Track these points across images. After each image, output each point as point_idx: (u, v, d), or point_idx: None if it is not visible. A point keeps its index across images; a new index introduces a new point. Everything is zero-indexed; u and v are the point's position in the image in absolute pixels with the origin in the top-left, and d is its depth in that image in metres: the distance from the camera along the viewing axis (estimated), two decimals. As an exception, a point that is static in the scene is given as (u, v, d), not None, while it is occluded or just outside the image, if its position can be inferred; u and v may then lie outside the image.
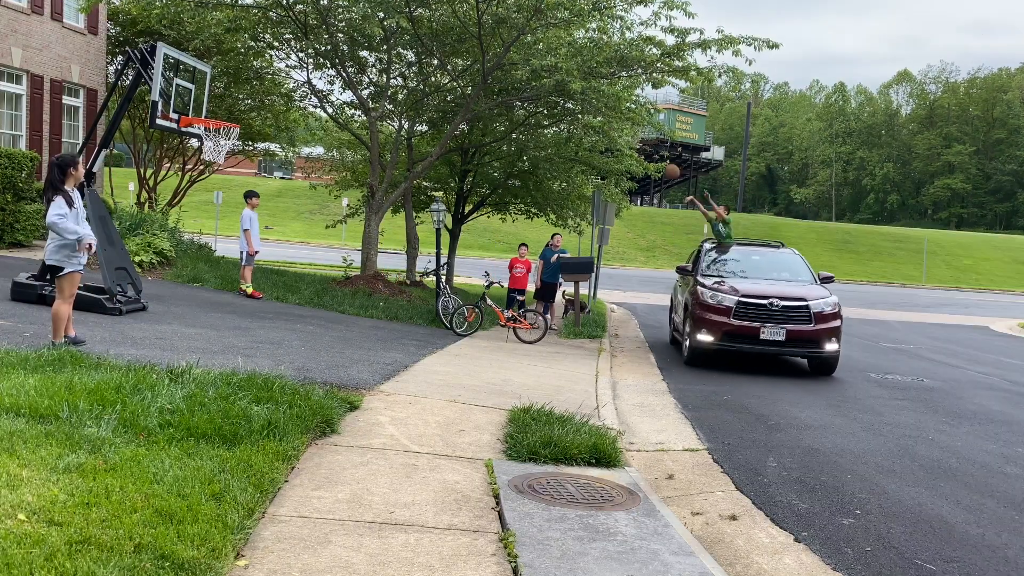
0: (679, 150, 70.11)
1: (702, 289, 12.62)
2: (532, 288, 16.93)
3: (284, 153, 29.48)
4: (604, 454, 6.26)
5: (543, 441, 6.30)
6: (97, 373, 6.39)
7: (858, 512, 5.85)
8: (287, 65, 20.50)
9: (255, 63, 20.04)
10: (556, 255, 16.60)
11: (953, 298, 40.53)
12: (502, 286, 16.12)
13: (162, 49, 11.69)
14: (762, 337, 11.95)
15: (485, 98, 17.69)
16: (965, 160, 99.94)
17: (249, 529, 4.22)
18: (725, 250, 14.44)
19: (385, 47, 18.11)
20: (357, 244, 26.03)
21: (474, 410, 7.64)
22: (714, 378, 11.54)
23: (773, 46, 13.95)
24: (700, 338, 12.28)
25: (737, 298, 12.16)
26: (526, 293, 16.70)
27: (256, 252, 14.92)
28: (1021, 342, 20.67)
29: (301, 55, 18.95)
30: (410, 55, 19.25)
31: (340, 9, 17.08)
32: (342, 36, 17.87)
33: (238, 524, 4.14)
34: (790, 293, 12.37)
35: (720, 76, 14.94)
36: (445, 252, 20.05)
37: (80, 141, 19.44)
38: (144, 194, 23.86)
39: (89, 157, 12.38)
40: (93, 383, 5.98)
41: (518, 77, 16.04)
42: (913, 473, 6.97)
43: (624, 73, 16.03)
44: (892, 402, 10.42)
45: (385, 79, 19.09)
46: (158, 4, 17.25)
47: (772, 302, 12.04)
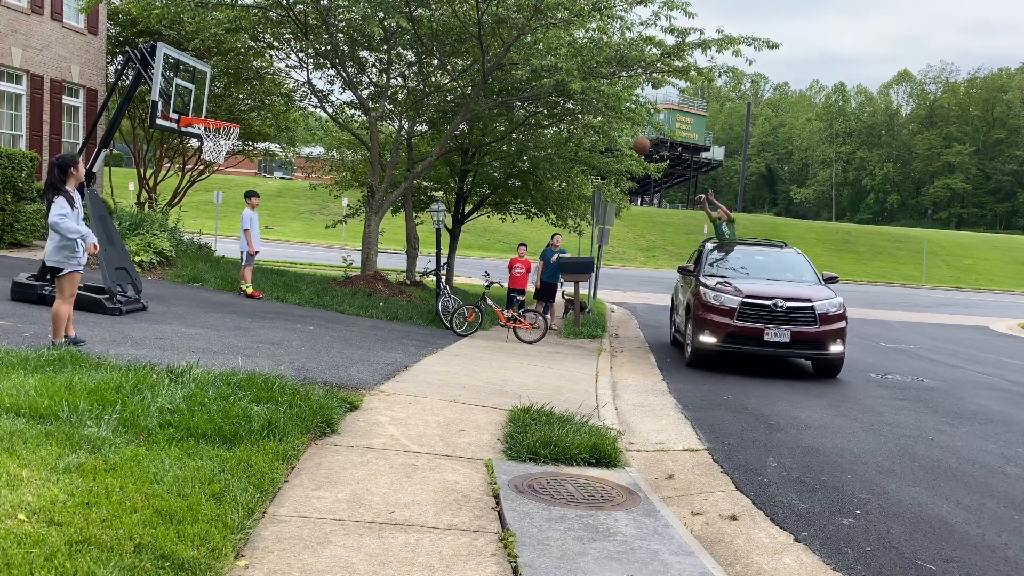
0: (679, 150, 70.05)
1: (705, 290, 12.43)
2: (532, 288, 16.93)
3: (284, 153, 29.46)
4: (604, 454, 6.26)
5: (543, 441, 6.30)
6: (97, 373, 6.40)
7: (858, 512, 5.85)
8: (287, 65, 20.54)
9: (255, 63, 20.05)
10: (556, 255, 16.60)
11: (953, 298, 40.53)
12: (502, 286, 16.12)
13: (162, 49, 11.69)
14: (766, 339, 11.75)
15: (485, 98, 17.69)
16: (965, 160, 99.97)
17: (249, 529, 4.22)
18: (728, 250, 14.20)
19: (385, 47, 18.11)
20: (357, 244, 26.03)
21: (474, 410, 7.64)
22: (714, 378, 11.53)
23: (773, 46, 13.95)
24: (703, 339, 12.10)
25: (741, 299, 11.97)
26: (526, 293, 16.70)
27: (256, 252, 14.93)
28: (1021, 342, 20.67)
29: (301, 55, 18.95)
30: (410, 55, 19.25)
31: (340, 9, 17.08)
32: (342, 36, 17.87)
33: (238, 524, 4.14)
34: (795, 294, 12.18)
35: (720, 76, 14.93)
36: (445, 252, 20.05)
37: (80, 141, 19.44)
38: (144, 194, 23.86)
39: (89, 157, 12.38)
40: (93, 383, 5.99)
41: (518, 77, 16.04)
42: (913, 473, 6.97)
43: (624, 73, 16.03)
44: (892, 402, 10.42)
45: (385, 79, 19.09)
46: (158, 4, 17.25)
47: (776, 303, 11.85)
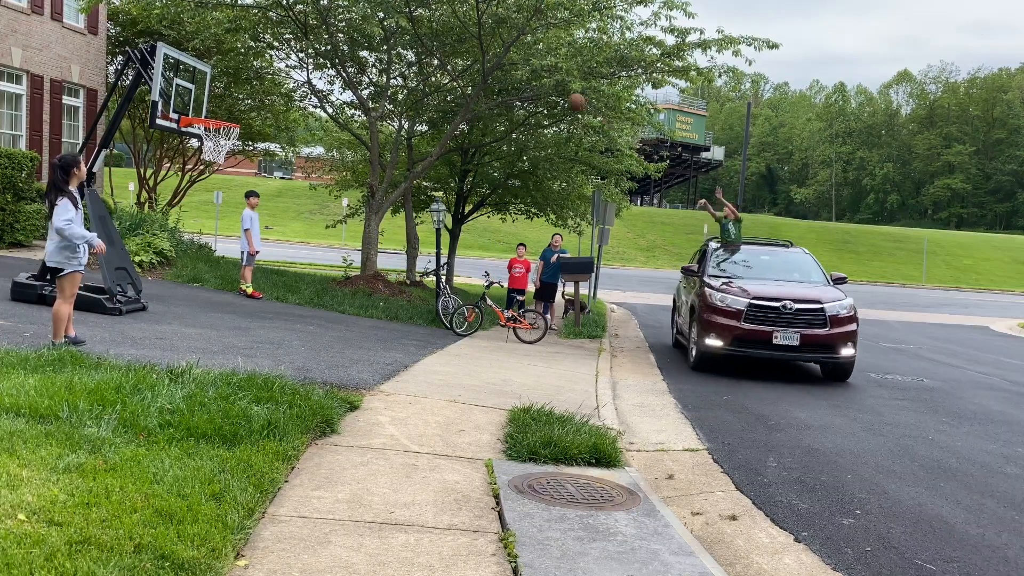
0: (679, 150, 70.01)
1: (710, 291, 11.98)
2: (532, 288, 16.93)
3: (284, 153, 29.45)
4: (604, 454, 6.26)
5: (543, 441, 6.29)
6: (97, 373, 6.40)
7: (858, 512, 5.85)
8: (287, 65, 20.55)
9: (255, 63, 20.06)
10: (556, 255, 16.59)
11: (953, 298, 40.53)
12: (502, 286, 16.12)
13: (162, 49, 11.69)
14: (775, 342, 11.30)
15: (485, 98, 17.69)
16: (965, 160, 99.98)
17: (249, 529, 4.22)
18: (733, 249, 13.78)
19: (385, 47, 18.11)
20: (357, 244, 26.03)
21: (474, 410, 7.64)
22: (714, 378, 11.52)
23: (773, 46, 13.95)
24: (709, 343, 11.66)
25: (748, 300, 11.50)
26: (526, 293, 16.70)
27: (256, 252, 14.92)
28: (1021, 342, 20.67)
29: (301, 55, 18.95)
30: (410, 55, 19.26)
31: (340, 9, 17.08)
32: (342, 36, 17.87)
33: (238, 524, 4.14)
34: (804, 295, 11.71)
35: (720, 76, 14.92)
36: (445, 252, 20.05)
37: (80, 141, 19.44)
38: (144, 194, 23.86)
39: (89, 157, 12.39)
40: (93, 383, 5.99)
41: (518, 77, 16.04)
42: (913, 473, 6.97)
43: (624, 73, 16.03)
44: (892, 402, 10.42)
45: (385, 79, 19.09)
46: (158, 4, 17.25)
47: (785, 305, 11.39)
